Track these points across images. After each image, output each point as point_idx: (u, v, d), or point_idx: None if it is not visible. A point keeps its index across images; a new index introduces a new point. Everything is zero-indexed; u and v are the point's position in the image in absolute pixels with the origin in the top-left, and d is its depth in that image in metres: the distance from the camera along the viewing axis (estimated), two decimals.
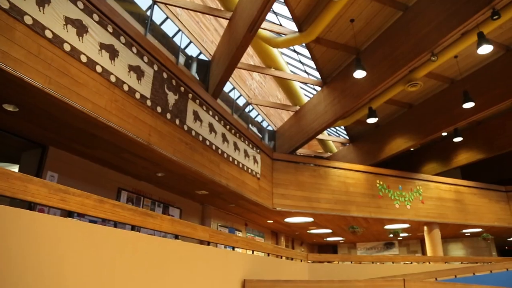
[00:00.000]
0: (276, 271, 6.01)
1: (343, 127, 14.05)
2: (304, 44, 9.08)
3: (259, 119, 13.79)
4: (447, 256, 13.15)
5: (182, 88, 6.31)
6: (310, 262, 8.67)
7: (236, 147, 8.10)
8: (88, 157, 5.97)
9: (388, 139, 11.99)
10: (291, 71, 10.97)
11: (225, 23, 8.18)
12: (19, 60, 3.60)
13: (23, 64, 3.62)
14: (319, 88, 10.44)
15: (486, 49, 6.71)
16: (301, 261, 8.01)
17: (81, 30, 4.28)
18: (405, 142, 11.32)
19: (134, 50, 5.18)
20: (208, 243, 4.21)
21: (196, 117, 6.66)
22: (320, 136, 13.74)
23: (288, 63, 11.21)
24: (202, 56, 9.49)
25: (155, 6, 7.66)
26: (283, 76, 10.15)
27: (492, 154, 12.17)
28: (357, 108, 10.61)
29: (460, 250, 16.40)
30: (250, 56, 11.86)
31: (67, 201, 2.56)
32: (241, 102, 12.14)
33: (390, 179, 11.95)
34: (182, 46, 8.76)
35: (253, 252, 5.48)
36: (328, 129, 14.89)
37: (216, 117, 7.41)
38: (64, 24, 4.06)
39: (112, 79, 4.65)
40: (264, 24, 7.66)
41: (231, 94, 11.61)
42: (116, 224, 3.20)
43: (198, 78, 9.01)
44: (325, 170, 10.87)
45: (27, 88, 3.72)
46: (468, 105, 8.32)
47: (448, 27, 6.47)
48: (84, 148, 5.55)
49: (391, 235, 13.52)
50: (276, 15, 8.97)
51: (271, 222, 11.94)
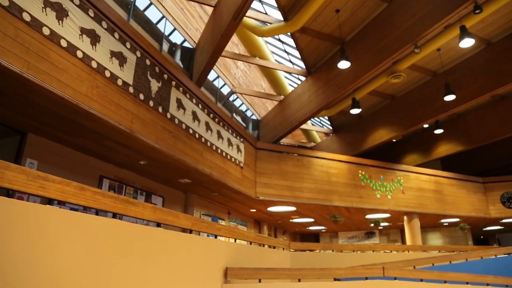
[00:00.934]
0: (259, 259, 6.07)
1: (326, 118, 14.13)
2: (289, 34, 9.06)
3: (243, 108, 13.75)
4: (425, 245, 13.48)
5: (166, 76, 6.24)
6: (292, 250, 8.78)
7: (219, 136, 8.08)
8: (69, 144, 5.87)
9: (371, 130, 12.14)
10: (276, 61, 10.95)
11: (210, 10, 8.08)
12: None
13: None
14: (303, 78, 10.45)
15: (468, 42, 6.81)
16: (283, 249, 8.10)
17: (60, 13, 4.17)
18: (387, 133, 11.48)
19: (116, 35, 5.08)
20: (191, 231, 4.21)
21: (180, 105, 6.61)
22: (304, 126, 13.81)
23: (273, 53, 11.18)
24: (186, 44, 9.37)
25: None
26: (267, 65, 10.13)
27: (471, 146, 12.45)
28: (341, 99, 10.68)
29: (438, 240, 16.83)
30: (235, 45, 11.77)
31: (47, 188, 2.52)
32: (225, 91, 12.08)
33: (372, 169, 12.13)
34: (166, 33, 8.63)
35: (235, 241, 5.52)
36: (312, 119, 14.97)
37: (200, 105, 7.36)
38: (42, 7, 3.95)
39: (94, 65, 4.56)
40: (249, 13, 7.60)
41: (216, 83, 11.53)
42: (97, 212, 3.17)
43: (182, 66, 8.91)
44: (308, 160, 10.95)
45: (4, 72, 3.62)
46: (449, 97, 8.46)
47: (432, 20, 6.53)
48: (64, 135, 5.45)
49: (372, 225, 13.75)
50: (262, 4, 8.91)
51: (254, 211, 12.01)
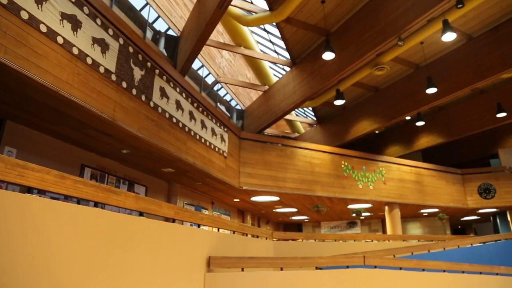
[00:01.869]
0: (242, 249, 6.12)
1: (311, 108, 14.21)
2: (274, 24, 9.02)
3: (227, 98, 13.69)
4: (405, 235, 13.76)
5: (149, 64, 6.16)
6: (275, 240, 8.87)
7: (203, 125, 8.04)
8: (49, 132, 5.76)
9: (354, 121, 12.26)
10: (261, 51, 10.91)
11: None
12: None
13: None
14: (288, 69, 10.46)
15: (450, 36, 6.91)
16: (266, 239, 8.17)
17: None
18: (370, 125, 11.62)
19: (99, 22, 4.98)
20: (173, 221, 4.22)
21: (163, 93, 6.54)
22: (288, 117, 13.86)
23: (258, 42, 11.13)
24: (170, 32, 9.24)
25: None
26: (252, 55, 10.08)
27: (451, 138, 12.73)
28: (325, 90, 10.74)
29: (418, 229, 17.22)
30: (220, 34, 11.67)
31: (26, 176, 2.48)
32: (209, 80, 11.99)
33: (354, 160, 12.27)
34: (150, 21, 8.49)
35: (218, 230, 5.55)
36: (296, 109, 15.03)
37: (184, 94, 7.31)
38: None
39: (75, 51, 4.46)
40: (234, 1, 7.53)
41: (200, 72, 11.44)
42: (79, 201, 3.14)
43: (166, 54, 8.80)
44: (291, 150, 11.01)
45: None
46: (431, 90, 8.60)
47: (415, 13, 6.60)
48: (45, 123, 5.35)
49: (354, 215, 13.97)
50: None
51: (238, 200, 12.05)
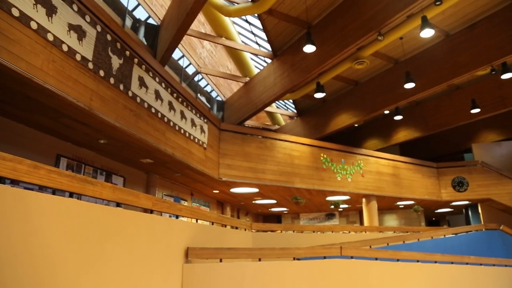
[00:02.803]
0: (220, 240, 6.13)
1: (291, 101, 14.26)
2: (256, 15, 8.98)
3: (208, 89, 13.60)
4: (381, 226, 14.06)
5: (128, 52, 6.04)
6: (254, 231, 8.91)
7: (183, 116, 7.97)
8: (23, 121, 5.60)
9: (334, 114, 12.38)
10: (243, 42, 10.85)
11: None
12: None
13: None
14: (269, 61, 10.45)
15: (428, 33, 7.03)
16: (245, 230, 8.21)
17: None
18: (349, 118, 11.76)
19: (75, 7, 4.84)
20: (151, 212, 4.18)
21: (142, 83, 6.44)
22: (268, 109, 13.88)
23: (239, 33, 11.06)
24: (150, 20, 9.08)
25: None
26: (234, 46, 10.02)
27: (427, 133, 13.03)
28: (305, 83, 10.79)
29: (394, 221, 17.62)
30: (201, 24, 11.54)
31: None
32: (190, 70, 11.87)
33: (333, 153, 12.41)
34: (130, 8, 8.33)
35: (197, 221, 5.53)
36: (277, 102, 15.05)
37: (163, 84, 7.21)
38: None
39: (50, 37, 4.33)
40: None
41: (180, 62, 11.31)
42: (54, 192, 3.08)
43: (145, 43, 8.65)
44: (271, 142, 11.05)
45: None
46: (409, 85, 8.75)
47: (395, 9, 6.69)
48: (18, 111, 5.19)
49: (332, 206, 14.17)
50: None
51: (217, 192, 12.04)
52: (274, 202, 14.39)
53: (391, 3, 6.79)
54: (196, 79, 12.30)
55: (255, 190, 11.45)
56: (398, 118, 11.91)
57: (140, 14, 8.86)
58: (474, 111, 10.52)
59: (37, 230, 2.60)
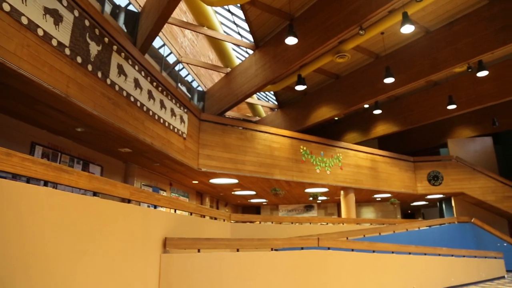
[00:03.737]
0: (199, 230, 6.13)
1: (272, 92, 14.27)
2: (239, 5, 8.90)
3: (189, 78, 13.47)
4: (358, 218, 14.32)
5: (106, 39, 5.90)
6: (233, 222, 8.95)
7: (162, 105, 7.87)
8: None
9: (315, 107, 12.46)
10: (225, 32, 10.75)
11: None
12: None
13: None
14: (251, 52, 10.40)
15: (408, 28, 7.13)
16: (224, 220, 8.23)
17: None
18: (330, 111, 11.86)
19: None
20: (129, 201, 4.14)
21: (121, 71, 6.31)
22: (249, 100, 13.86)
23: (221, 23, 10.96)
24: (131, 7, 8.89)
25: None
26: (215, 36, 9.93)
27: (405, 127, 13.30)
28: (287, 75, 10.81)
29: (371, 213, 17.97)
30: (183, 12, 11.38)
31: None
32: (171, 59, 11.72)
33: (313, 145, 12.51)
34: None
35: (175, 211, 5.51)
36: (258, 93, 15.05)
37: (143, 72, 7.09)
38: None
39: (24, 21, 4.19)
40: None
41: (161, 51, 11.14)
42: (29, 180, 3.00)
43: (125, 30, 8.48)
44: (251, 134, 11.05)
45: None
46: (389, 80, 8.87)
47: (377, 4, 6.75)
48: None
49: (311, 198, 14.32)
50: None
51: (196, 182, 12.00)
52: (253, 193, 14.45)
53: None
54: (177, 68, 12.15)
55: (235, 181, 11.47)
56: (377, 112, 12.10)
57: (120, 0, 8.67)
58: (450, 107, 10.77)
59: (10, 219, 2.54)
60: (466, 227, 11.63)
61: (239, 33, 11.41)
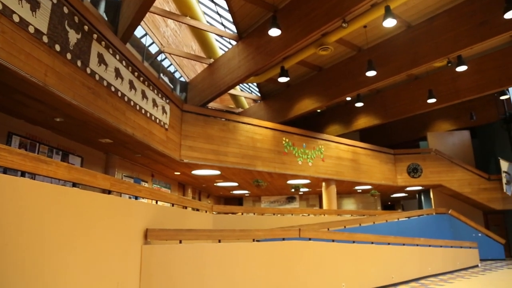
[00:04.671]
0: (181, 221, 6.11)
1: (255, 84, 14.24)
2: None
3: (171, 69, 13.32)
4: (339, 210, 14.50)
5: (86, 27, 5.77)
6: (215, 213, 8.96)
7: (144, 96, 7.77)
8: None
9: (297, 99, 12.51)
10: (208, 22, 10.66)
11: None
12: None
13: None
14: (234, 43, 10.34)
15: (390, 22, 7.19)
16: (206, 212, 8.23)
17: None
18: (312, 103, 11.93)
19: None
20: (110, 192, 4.10)
21: (101, 60, 6.20)
22: (232, 91, 13.82)
23: (205, 13, 10.85)
24: None
25: None
26: (198, 26, 9.83)
27: (387, 120, 13.49)
28: (270, 66, 10.80)
29: (352, 205, 18.24)
30: (166, 2, 11.21)
31: None
32: (153, 49, 11.55)
33: (295, 137, 12.57)
34: None
35: (157, 202, 5.48)
36: (241, 85, 15.00)
37: (124, 62, 6.97)
38: None
39: None
40: None
41: (143, 40, 10.97)
42: (5, 171, 2.93)
43: (106, 19, 8.31)
44: (234, 125, 11.03)
45: None
46: (371, 73, 8.96)
47: None
48: None
49: (293, 190, 14.43)
50: None
51: (178, 174, 11.94)
52: (235, 184, 14.47)
53: None
54: (159, 58, 12.00)
55: (217, 172, 11.46)
56: (359, 105, 12.24)
57: None
58: (430, 101, 10.96)
59: None
60: (444, 218, 11.96)
61: (222, 23, 11.33)
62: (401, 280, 7.83)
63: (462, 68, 9.39)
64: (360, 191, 16.71)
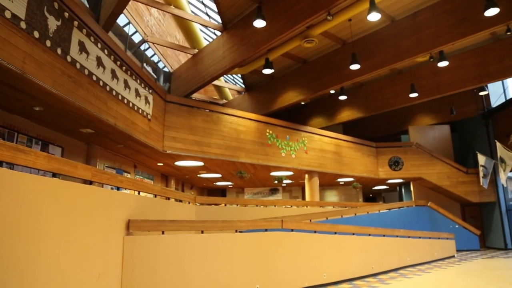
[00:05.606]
0: (164, 212, 6.08)
1: (240, 75, 14.18)
2: None
3: (155, 59, 13.14)
4: (321, 201, 14.65)
5: (67, 14, 5.63)
6: (198, 204, 8.95)
7: (126, 86, 7.66)
8: None
9: (282, 91, 12.52)
10: (192, 12, 10.53)
11: None
12: None
13: None
14: (219, 33, 10.25)
15: (375, 16, 7.23)
16: (189, 203, 8.21)
17: None
18: (296, 96, 11.95)
19: None
20: (91, 183, 4.05)
21: (82, 48, 6.07)
22: (216, 82, 13.72)
23: (189, 3, 10.72)
24: None
25: None
26: (183, 15, 9.70)
27: (369, 113, 13.64)
28: (254, 58, 10.74)
29: (334, 197, 18.46)
30: None
31: None
32: (136, 38, 11.37)
33: (279, 129, 12.61)
34: None
35: (139, 193, 5.44)
36: (225, 76, 14.91)
37: (106, 51, 6.84)
38: None
39: None
40: None
41: (126, 29, 10.78)
42: None
43: (87, 6, 8.12)
44: (218, 116, 10.98)
45: None
46: (355, 66, 9.01)
47: None
48: None
49: (276, 182, 14.51)
50: None
51: (161, 165, 11.85)
52: (219, 176, 14.45)
53: None
54: (142, 48, 11.81)
55: (200, 163, 11.42)
56: (342, 98, 12.34)
57: None
58: (412, 95, 11.12)
59: None
60: (423, 210, 12.23)
61: (207, 13, 11.21)
62: (381, 270, 8.00)
63: (444, 64, 9.53)
64: (343, 183, 16.91)
